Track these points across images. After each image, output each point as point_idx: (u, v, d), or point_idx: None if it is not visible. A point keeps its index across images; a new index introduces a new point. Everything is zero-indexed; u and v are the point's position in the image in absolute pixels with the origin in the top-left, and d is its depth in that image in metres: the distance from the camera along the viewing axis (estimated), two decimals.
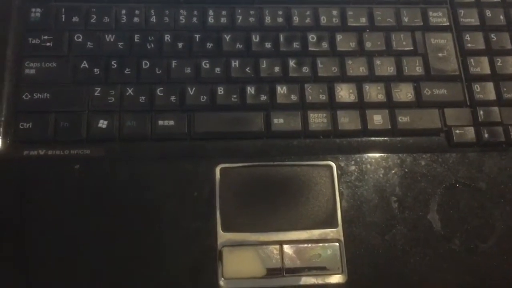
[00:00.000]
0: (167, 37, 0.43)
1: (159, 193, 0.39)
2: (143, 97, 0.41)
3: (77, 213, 0.38)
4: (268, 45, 0.44)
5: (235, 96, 0.42)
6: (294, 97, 0.42)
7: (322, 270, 0.38)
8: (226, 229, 0.39)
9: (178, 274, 0.38)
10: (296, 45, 0.44)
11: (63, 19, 0.43)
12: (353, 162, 0.41)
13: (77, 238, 0.38)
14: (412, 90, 0.44)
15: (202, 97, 0.42)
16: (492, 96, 0.44)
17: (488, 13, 0.46)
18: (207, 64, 0.43)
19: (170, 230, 0.38)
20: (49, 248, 0.38)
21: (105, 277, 0.37)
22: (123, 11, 0.44)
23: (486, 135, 0.42)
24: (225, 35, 0.44)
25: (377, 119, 0.43)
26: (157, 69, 0.42)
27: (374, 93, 0.43)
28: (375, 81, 0.44)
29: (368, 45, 0.45)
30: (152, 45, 0.43)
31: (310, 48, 0.44)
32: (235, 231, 0.39)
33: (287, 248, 0.39)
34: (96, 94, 0.41)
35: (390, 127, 0.42)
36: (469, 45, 0.45)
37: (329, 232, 0.39)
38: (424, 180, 0.41)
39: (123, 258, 0.38)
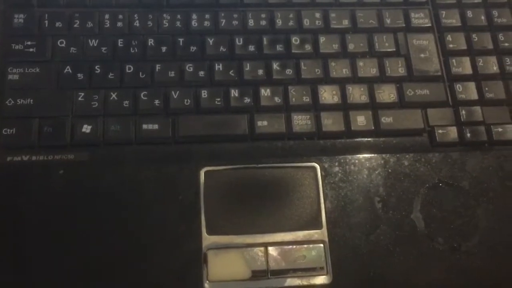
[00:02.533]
0: (150, 41, 0.43)
1: (143, 197, 0.39)
2: (127, 102, 0.42)
3: (62, 218, 0.38)
4: (251, 48, 0.44)
5: (219, 99, 0.42)
6: (277, 99, 0.43)
7: (307, 271, 0.39)
8: (211, 232, 0.39)
9: (163, 278, 0.37)
10: (279, 47, 0.44)
11: (46, 25, 0.43)
12: (337, 163, 0.41)
13: (61, 243, 0.38)
14: (395, 91, 0.44)
15: (186, 100, 0.42)
16: (474, 96, 0.44)
17: (469, 13, 0.47)
18: (191, 68, 0.43)
19: (155, 233, 0.38)
20: (33, 253, 0.37)
21: (90, 281, 0.37)
22: (106, 16, 0.44)
23: (468, 135, 0.43)
24: (209, 39, 0.44)
25: (361, 120, 0.43)
26: (141, 73, 0.42)
27: (357, 94, 0.43)
28: (358, 83, 0.44)
29: (351, 46, 0.45)
30: (136, 49, 0.43)
31: (293, 51, 0.44)
32: (220, 234, 0.39)
33: (272, 250, 0.39)
34: (79, 99, 0.41)
35: (373, 128, 0.43)
36: (451, 45, 0.46)
37: (314, 233, 0.39)
38: (408, 180, 0.41)
39: (107, 262, 0.38)
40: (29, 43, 0.43)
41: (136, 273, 0.37)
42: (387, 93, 0.44)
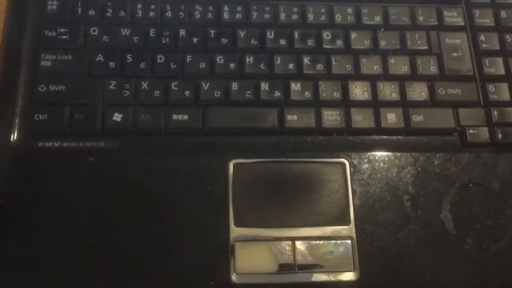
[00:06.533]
0: (182, 32, 0.43)
1: (172, 188, 0.39)
2: (157, 91, 0.42)
3: (91, 205, 0.39)
4: (282, 41, 0.44)
5: (249, 92, 0.42)
6: (308, 94, 0.43)
7: (334, 267, 0.38)
8: (238, 224, 0.39)
9: (190, 269, 0.38)
10: (310, 42, 0.44)
11: (79, 12, 0.43)
12: (366, 160, 0.41)
13: (89, 230, 0.38)
14: (426, 90, 0.44)
15: (216, 92, 0.42)
16: (506, 96, 0.44)
17: (503, 14, 0.46)
18: (222, 60, 0.43)
19: (183, 224, 0.38)
20: (61, 240, 0.38)
21: (118, 270, 0.38)
22: (139, 6, 0.44)
23: (500, 136, 0.42)
24: (240, 31, 0.44)
25: (391, 117, 0.42)
26: (172, 63, 0.42)
27: (388, 91, 0.43)
28: (389, 80, 0.44)
29: (382, 43, 0.45)
30: (167, 40, 0.43)
31: (324, 46, 0.44)
32: (247, 226, 0.39)
33: (299, 244, 0.39)
34: (111, 87, 0.41)
35: (403, 126, 0.42)
36: (484, 45, 0.45)
37: (341, 229, 0.39)
38: (437, 179, 0.41)
39: (135, 251, 0.38)
40: (62, 30, 0.43)
41: (164, 264, 0.38)
42: (418, 91, 0.43)
